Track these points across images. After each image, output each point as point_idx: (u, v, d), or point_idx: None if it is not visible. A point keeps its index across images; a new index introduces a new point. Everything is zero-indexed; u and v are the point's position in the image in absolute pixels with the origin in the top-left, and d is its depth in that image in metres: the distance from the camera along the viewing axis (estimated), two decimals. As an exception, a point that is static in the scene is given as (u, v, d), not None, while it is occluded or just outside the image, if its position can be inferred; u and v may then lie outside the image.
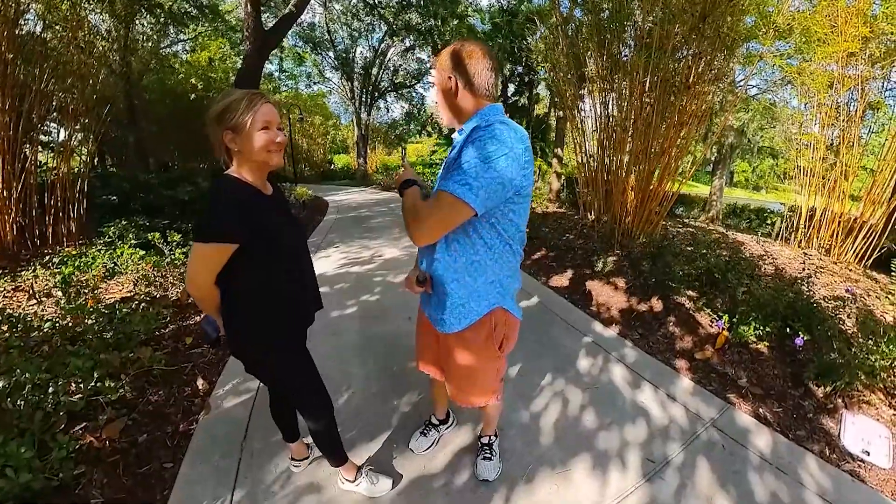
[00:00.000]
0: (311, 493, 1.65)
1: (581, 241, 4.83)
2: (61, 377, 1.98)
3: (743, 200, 15.66)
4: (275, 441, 1.86)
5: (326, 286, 3.95)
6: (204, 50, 12.61)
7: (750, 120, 11.74)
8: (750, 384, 2.34)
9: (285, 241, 1.25)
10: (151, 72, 11.31)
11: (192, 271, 1.14)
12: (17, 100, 4.00)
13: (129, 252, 3.81)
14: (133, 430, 1.95)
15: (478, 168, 1.02)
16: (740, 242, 4.76)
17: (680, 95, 3.97)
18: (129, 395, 2.13)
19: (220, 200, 1.13)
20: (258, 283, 1.21)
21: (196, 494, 1.65)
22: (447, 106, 1.22)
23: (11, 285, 3.35)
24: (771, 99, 7.94)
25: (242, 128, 1.11)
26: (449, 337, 1.35)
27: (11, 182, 3.96)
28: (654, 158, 4.19)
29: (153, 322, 2.77)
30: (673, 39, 3.81)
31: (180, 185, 6.35)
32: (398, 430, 1.99)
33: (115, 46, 8.33)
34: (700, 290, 3.20)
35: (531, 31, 10.31)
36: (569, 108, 5.34)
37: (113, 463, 1.76)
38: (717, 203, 10.67)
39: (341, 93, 22.66)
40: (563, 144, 9.84)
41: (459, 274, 1.24)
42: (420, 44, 17.26)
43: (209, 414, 2.13)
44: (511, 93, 14.08)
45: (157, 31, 10.74)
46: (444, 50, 1.21)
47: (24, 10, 4.03)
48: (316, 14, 19.19)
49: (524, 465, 1.77)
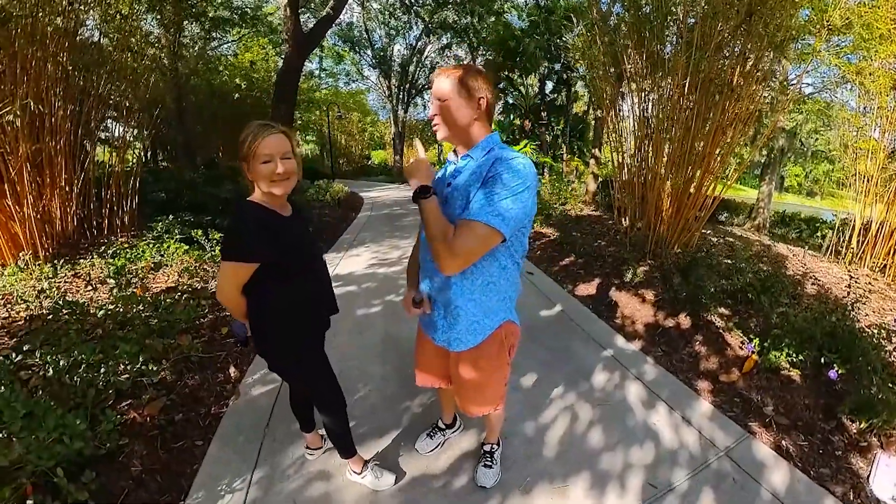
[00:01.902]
0: (321, 480, 1.78)
1: (612, 249, 4.71)
2: (111, 359, 2.21)
3: (794, 207, 14.57)
4: (293, 430, 1.99)
5: (354, 285, 4.10)
6: (247, 52, 13.24)
7: (803, 122, 10.88)
8: (776, 412, 2.21)
9: (301, 258, 1.38)
10: (198, 74, 12.00)
11: (219, 284, 1.31)
12: (77, 104, 4.39)
13: (175, 246, 4.14)
14: (171, 409, 2.15)
15: (508, 200, 1.07)
16: (783, 256, 4.49)
17: (723, 97, 3.76)
18: (169, 378, 2.34)
19: (241, 224, 1.26)
20: (279, 295, 1.34)
21: (221, 471, 1.82)
22: (458, 126, 1.20)
23: (71, 272, 3.71)
24: (827, 99, 7.31)
25: (249, 160, 1.23)
26: (461, 354, 1.39)
27: (73, 178, 4.34)
28: (693, 164, 4.02)
29: (193, 312, 3.00)
30: (716, 37, 3.62)
31: (223, 184, 6.74)
32: (407, 430, 2.08)
33: (165, 51, 8.92)
34: (733, 309, 3.05)
35: (568, 28, 10.08)
36: (607, 108, 5.20)
37: (152, 437, 1.96)
38: (764, 210, 9.96)
39: (379, 90, 23.07)
40: (602, 144, 9.58)
41: (475, 295, 1.27)
42: (457, 41, 17.28)
43: (238, 400, 2.32)
44: (549, 90, 13.85)
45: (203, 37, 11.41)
46: (464, 70, 1.18)
47: (83, 21, 4.41)
48: (354, 13, 19.63)
49: (523, 476, 1.79)
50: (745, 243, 5.06)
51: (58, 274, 3.60)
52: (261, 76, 13.06)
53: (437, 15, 16.43)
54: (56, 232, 4.23)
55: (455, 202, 1.19)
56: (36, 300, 3.07)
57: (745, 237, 6.52)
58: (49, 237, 4.11)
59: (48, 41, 3.90)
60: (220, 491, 1.72)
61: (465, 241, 1.08)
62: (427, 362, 1.61)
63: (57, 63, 4.02)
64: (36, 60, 3.81)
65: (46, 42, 3.88)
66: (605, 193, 8.98)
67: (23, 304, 3.03)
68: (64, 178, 4.22)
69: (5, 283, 3.30)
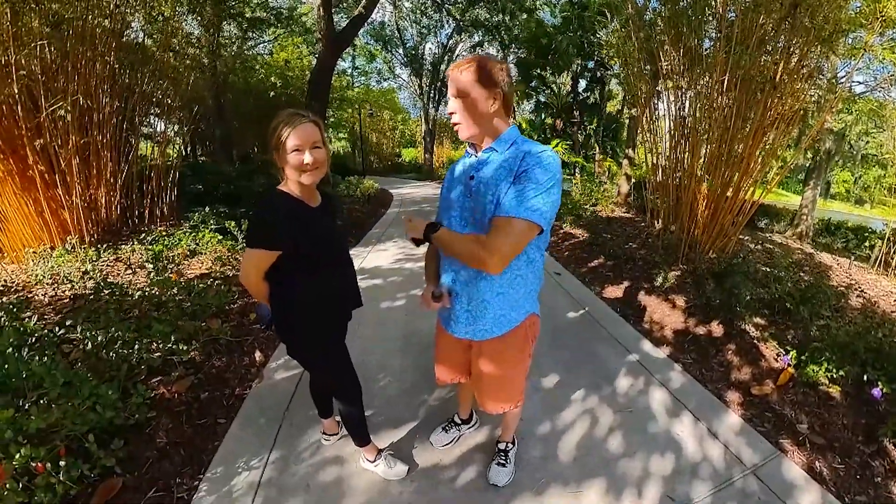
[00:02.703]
0: (335, 465, 1.82)
1: (644, 252, 4.57)
2: (145, 337, 2.33)
3: (841, 215, 13.66)
4: (311, 415, 2.03)
5: (380, 278, 4.17)
6: (282, 51, 13.65)
7: (853, 122, 10.08)
8: (811, 430, 2.07)
9: (327, 250, 1.39)
10: (235, 72, 12.45)
11: (243, 269, 1.34)
12: (123, 100, 4.65)
13: (210, 236, 4.33)
14: (197, 388, 2.25)
15: (541, 196, 1.09)
16: (826, 266, 4.23)
17: (765, 95, 3.55)
18: (198, 359, 2.45)
19: (267, 212, 1.29)
20: (306, 288, 1.36)
21: (240, 450, 1.89)
22: (480, 120, 1.18)
23: (113, 256, 3.94)
24: (880, 98, 6.69)
25: (279, 149, 1.24)
26: (484, 346, 1.39)
27: (118, 171, 4.61)
28: (731, 166, 3.83)
29: (224, 298, 3.12)
30: (758, 31, 3.43)
31: (255, 178, 6.98)
32: (423, 422, 2.08)
33: (204, 51, 9.32)
34: (769, 319, 2.89)
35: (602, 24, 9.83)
36: (642, 107, 5.03)
37: (178, 413, 2.06)
38: (807, 217, 9.31)
39: (410, 89, 23.23)
40: (636, 145, 9.30)
41: (504, 289, 1.28)
42: (488, 39, 17.18)
43: (261, 383, 2.40)
44: (581, 89, 13.56)
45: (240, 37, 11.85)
46: (480, 62, 1.15)
47: (129, 22, 4.66)
48: (386, 13, 19.84)
49: (537, 478, 1.76)
50: (785, 251, 4.79)
51: (101, 257, 3.83)
52: (295, 74, 13.43)
53: (468, 13, 16.39)
54: (101, 219, 4.50)
55: (484, 195, 1.18)
56: (80, 281, 3.28)
57: (786, 245, 6.18)
58: (94, 224, 4.38)
59: (97, 41, 4.14)
60: (238, 468, 1.78)
61: (507, 238, 1.09)
62: (448, 357, 1.60)
63: (105, 62, 4.27)
64: (85, 59, 4.06)
65: (95, 42, 4.13)
66: (637, 195, 8.72)
67: (68, 284, 3.24)
68: (109, 170, 4.49)
69: (53, 264, 3.53)
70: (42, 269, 3.48)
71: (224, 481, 1.72)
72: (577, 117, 13.25)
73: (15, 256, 3.94)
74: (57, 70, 3.91)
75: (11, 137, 3.70)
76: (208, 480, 1.73)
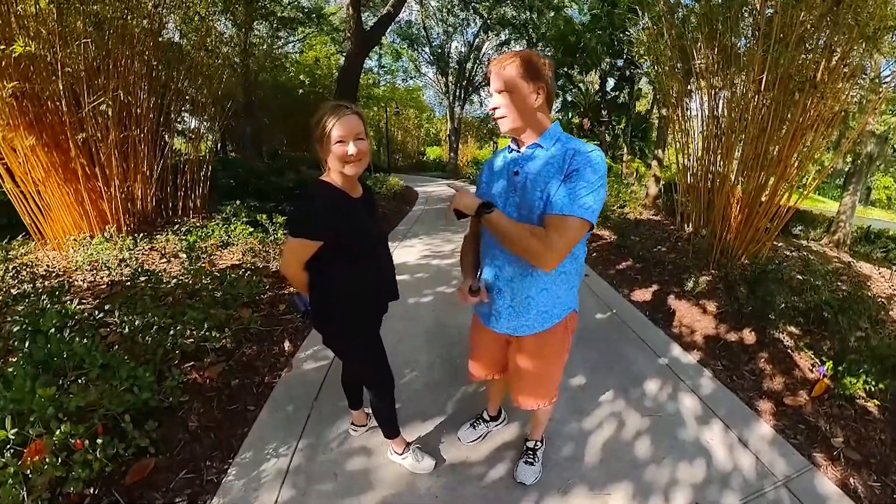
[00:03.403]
0: (362, 456, 1.84)
1: (673, 255, 4.47)
2: (179, 324, 2.41)
3: (881, 223, 12.96)
4: (340, 406, 2.06)
5: (407, 275, 4.19)
6: (311, 50, 13.90)
7: None
8: (846, 445, 1.97)
9: (366, 241, 1.40)
10: (266, 70, 12.74)
11: (284, 259, 1.37)
12: (159, 97, 4.84)
13: (241, 228, 4.46)
14: (228, 374, 2.32)
15: (592, 194, 1.12)
16: (866, 276, 4.03)
17: (804, 95, 3.40)
18: (229, 346, 2.51)
19: (310, 202, 1.30)
20: (347, 278, 1.38)
21: (269, 436, 1.93)
22: (524, 114, 1.18)
23: (148, 246, 4.11)
24: None
25: (323, 140, 1.25)
26: (525, 341, 1.39)
27: (153, 164, 4.79)
28: (767, 169, 3.69)
29: (255, 288, 3.20)
30: (797, 29, 3.28)
31: (285, 173, 7.13)
32: (450, 418, 2.09)
33: (237, 50, 9.59)
34: (804, 328, 2.79)
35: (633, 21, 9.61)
36: (673, 106, 4.90)
37: (209, 398, 2.12)
38: (845, 224, 8.84)
39: (436, 87, 23.29)
40: (665, 145, 9.07)
41: (548, 285, 1.28)
42: (515, 38, 17.05)
43: (290, 372, 2.45)
44: (610, 88, 13.29)
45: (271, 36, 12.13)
46: (525, 56, 1.16)
47: (165, 23, 4.83)
48: (412, 11, 19.93)
49: (563, 479, 1.74)
50: (822, 259, 4.59)
51: (137, 246, 3.99)
52: (323, 73, 13.67)
53: (495, 11, 16.31)
54: (137, 210, 4.70)
55: (532, 191, 1.18)
56: (117, 268, 3.43)
57: (822, 253, 5.93)
58: (131, 214, 4.58)
59: (135, 41, 4.32)
60: (267, 455, 1.82)
61: (563, 236, 1.11)
62: (483, 353, 1.60)
63: (143, 60, 4.45)
64: (125, 58, 4.23)
65: (134, 41, 4.30)
66: (667, 197, 8.51)
67: (106, 271, 3.39)
68: (145, 164, 4.67)
69: (93, 252, 3.70)
70: (82, 255, 3.65)
71: (253, 466, 1.76)
72: (605, 117, 12.99)
73: (57, 244, 4.15)
74: (98, 68, 4.08)
75: (55, 132, 3.89)
76: (237, 465, 1.77)
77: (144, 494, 1.59)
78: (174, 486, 1.65)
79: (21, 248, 4.18)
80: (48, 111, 3.83)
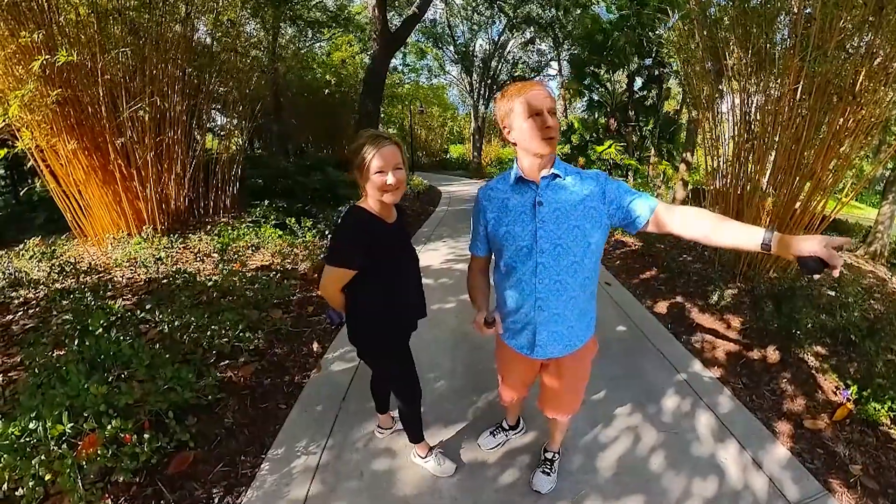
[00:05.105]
0: (387, 457, 1.94)
1: (699, 266, 4.37)
2: (216, 324, 2.56)
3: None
4: (367, 408, 2.16)
5: (431, 279, 4.22)
6: (336, 50, 14.10)
7: None
8: (864, 474, 1.93)
9: (398, 265, 1.49)
10: (293, 71, 13.00)
11: (323, 283, 1.44)
12: (192, 99, 5.04)
13: (270, 231, 4.65)
14: (261, 374, 2.46)
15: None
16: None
17: (843, 101, 3.28)
18: (262, 347, 2.66)
19: (348, 232, 1.38)
20: (376, 297, 1.46)
21: (299, 434, 2.06)
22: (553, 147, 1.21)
23: (182, 245, 4.32)
24: None
25: (362, 169, 1.31)
26: (562, 362, 1.44)
27: (186, 165, 5.01)
28: (801, 177, 3.57)
29: (285, 290, 3.35)
30: (837, 34, 3.17)
31: (312, 174, 7.32)
32: (471, 424, 2.16)
33: (265, 52, 9.84)
34: (831, 349, 2.72)
35: (662, 20, 9.35)
36: (703, 109, 4.77)
37: (243, 396, 2.27)
38: (883, 235, 8.34)
39: (460, 86, 23.24)
40: (694, 148, 8.81)
41: (583, 305, 1.35)
42: (540, 36, 16.82)
43: (319, 373, 2.57)
44: (637, 88, 12.95)
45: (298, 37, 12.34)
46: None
47: (197, 27, 5.04)
48: (437, 10, 19.90)
49: (576, 490, 1.79)
50: (856, 273, 4.42)
51: (172, 246, 4.20)
52: (349, 73, 13.85)
53: (520, 9, 16.14)
54: (171, 210, 4.93)
55: (566, 218, 1.22)
56: (154, 266, 3.63)
57: (857, 266, 5.69)
58: (165, 215, 4.82)
59: (169, 46, 4.52)
60: (297, 452, 1.95)
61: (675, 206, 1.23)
62: (517, 380, 1.63)
63: (176, 64, 4.65)
64: (160, 62, 4.44)
65: (168, 46, 4.51)
66: (694, 202, 8.28)
67: (143, 269, 3.60)
68: (179, 166, 4.90)
69: (131, 250, 3.93)
70: (120, 253, 3.87)
71: (284, 462, 1.89)
72: (633, 117, 12.69)
73: (97, 240, 4.43)
74: (135, 73, 4.29)
75: (95, 136, 4.12)
76: (270, 460, 1.90)
77: (185, 485, 1.74)
78: (212, 478, 1.78)
79: (64, 245, 4.48)
80: (88, 116, 4.06)
